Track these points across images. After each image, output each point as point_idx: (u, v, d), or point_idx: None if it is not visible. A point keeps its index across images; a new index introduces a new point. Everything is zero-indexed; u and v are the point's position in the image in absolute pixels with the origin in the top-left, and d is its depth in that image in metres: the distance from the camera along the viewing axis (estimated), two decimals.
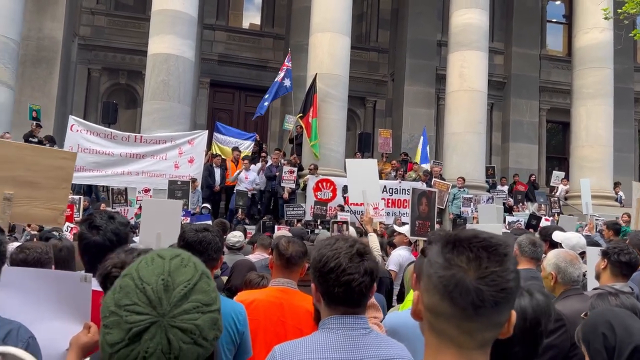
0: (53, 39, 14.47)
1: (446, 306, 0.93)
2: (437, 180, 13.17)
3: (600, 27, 14.54)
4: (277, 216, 11.60)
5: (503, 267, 0.93)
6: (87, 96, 16.84)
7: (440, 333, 0.96)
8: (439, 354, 0.97)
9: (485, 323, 0.93)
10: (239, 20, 19.27)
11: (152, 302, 0.86)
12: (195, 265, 0.94)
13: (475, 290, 0.91)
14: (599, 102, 14.69)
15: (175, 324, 0.86)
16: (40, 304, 1.56)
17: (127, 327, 0.85)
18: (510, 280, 0.93)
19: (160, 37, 11.90)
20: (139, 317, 0.85)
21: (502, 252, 0.94)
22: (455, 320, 0.93)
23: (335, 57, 12.84)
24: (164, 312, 0.86)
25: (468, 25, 13.96)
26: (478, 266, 0.92)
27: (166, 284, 0.88)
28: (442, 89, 16.77)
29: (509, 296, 0.93)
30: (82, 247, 1.89)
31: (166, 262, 0.91)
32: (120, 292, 0.89)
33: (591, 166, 14.46)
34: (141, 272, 0.90)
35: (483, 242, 0.95)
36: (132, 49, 16.55)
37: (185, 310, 0.87)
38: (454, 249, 0.95)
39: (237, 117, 18.33)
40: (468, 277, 0.91)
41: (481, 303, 0.91)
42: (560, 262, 2.89)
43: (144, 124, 11.94)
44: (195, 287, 0.90)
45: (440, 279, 0.94)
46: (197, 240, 2.26)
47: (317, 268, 1.57)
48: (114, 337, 0.86)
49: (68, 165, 3.35)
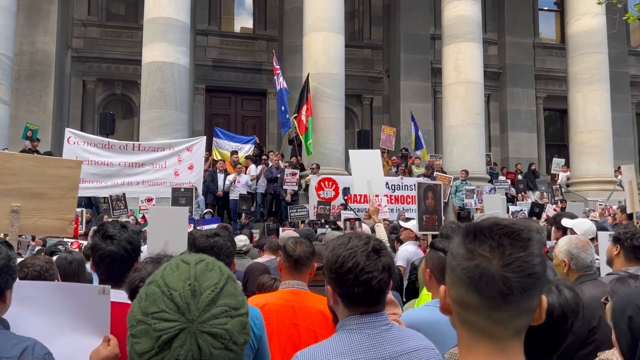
0: (46, 52, 14.45)
1: (474, 297, 0.91)
2: (438, 173, 13.17)
3: (593, 13, 14.53)
4: (280, 218, 11.59)
5: (528, 252, 0.91)
6: (83, 108, 16.82)
7: (471, 325, 0.94)
8: (473, 347, 0.95)
9: (516, 311, 0.91)
10: (231, 24, 19.26)
11: (181, 309, 0.85)
12: (221, 269, 0.93)
13: (502, 278, 0.89)
14: (595, 88, 14.70)
15: (205, 329, 0.84)
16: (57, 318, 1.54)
17: (156, 335, 0.84)
18: (537, 264, 0.91)
19: (154, 45, 11.88)
20: (167, 324, 0.84)
21: (525, 237, 0.92)
22: (485, 311, 0.91)
23: (330, 56, 12.82)
24: (193, 317, 0.84)
25: (461, 17, 13.95)
26: (502, 253, 0.90)
27: (193, 289, 0.87)
28: (438, 82, 16.78)
29: (537, 281, 0.91)
30: (96, 257, 1.88)
31: (191, 267, 0.90)
32: (146, 300, 0.88)
33: (591, 152, 14.46)
34: (167, 278, 0.89)
35: (504, 228, 0.93)
36: (126, 58, 16.54)
37: (214, 315, 0.86)
38: (475, 239, 0.93)
39: (235, 121, 18.32)
40: (493, 266, 0.90)
41: (509, 291, 0.89)
42: (573, 249, 2.87)
43: (142, 133, 11.92)
44: (223, 291, 0.89)
45: (464, 270, 0.92)
46: (208, 246, 2.24)
47: (333, 269, 1.52)
48: (143, 346, 0.84)
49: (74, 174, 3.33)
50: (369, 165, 4.96)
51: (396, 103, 17.91)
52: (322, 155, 12.50)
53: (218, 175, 11.89)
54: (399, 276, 5.32)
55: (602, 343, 2.53)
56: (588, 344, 2.63)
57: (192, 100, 15.99)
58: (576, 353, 2.60)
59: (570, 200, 12.72)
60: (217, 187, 11.72)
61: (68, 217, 3.09)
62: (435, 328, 1.70)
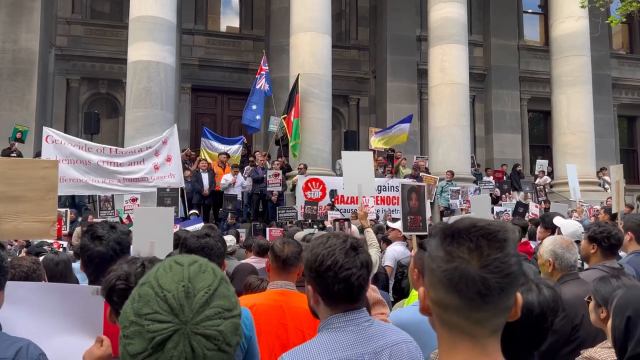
0: (29, 50, 14.25)
1: (453, 299, 0.93)
2: (423, 174, 13.25)
3: (576, 16, 14.75)
4: (266, 218, 11.58)
5: (505, 253, 0.93)
6: (67, 107, 16.60)
7: (451, 326, 0.96)
8: (453, 347, 0.96)
9: (494, 310, 0.93)
10: (217, 23, 19.17)
11: (174, 310, 0.85)
12: (214, 271, 0.93)
13: (481, 279, 0.91)
14: (578, 90, 14.91)
15: (198, 330, 0.84)
16: (50, 319, 1.53)
17: (149, 336, 0.83)
18: (513, 264, 0.93)
19: (140, 44, 11.78)
20: (161, 325, 0.84)
21: (502, 238, 0.94)
22: (464, 312, 0.93)
23: (317, 56, 12.83)
24: (187, 319, 0.85)
25: (447, 19, 14.06)
26: (480, 255, 0.92)
27: (187, 291, 0.87)
28: (424, 83, 16.88)
29: (514, 280, 0.93)
30: (85, 258, 1.87)
31: (185, 268, 0.90)
32: (139, 301, 0.87)
33: (574, 152, 14.67)
34: (160, 279, 0.88)
35: (482, 230, 0.94)
36: (111, 57, 16.36)
37: (207, 317, 0.86)
38: (453, 241, 0.94)
39: (221, 121, 18.24)
40: (472, 268, 0.91)
41: (488, 291, 0.91)
42: (557, 249, 2.92)
43: (127, 132, 11.82)
44: (216, 293, 0.89)
45: (443, 272, 0.94)
46: (199, 247, 2.24)
47: (312, 268, 1.54)
48: (136, 347, 0.84)
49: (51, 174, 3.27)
50: (361, 168, 4.97)
51: (382, 104, 17.98)
52: (309, 155, 12.50)
53: (202, 175, 11.82)
54: (385, 276, 5.35)
55: (585, 340, 2.59)
56: (571, 342, 2.68)
57: (178, 100, 15.89)
58: (560, 351, 2.64)
59: (554, 200, 12.89)
60: (202, 186, 11.66)
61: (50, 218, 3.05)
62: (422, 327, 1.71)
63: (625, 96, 20.55)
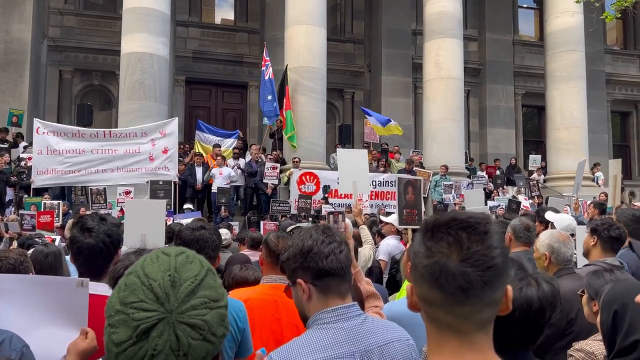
0: (21, 40, 14.10)
1: (436, 294, 0.92)
2: (417, 169, 13.26)
3: (571, 11, 14.76)
4: (260, 212, 11.55)
5: (485, 245, 0.91)
6: (60, 98, 16.47)
7: (437, 322, 0.95)
8: (441, 343, 0.95)
9: (479, 304, 0.91)
10: (212, 15, 19.04)
11: (160, 299, 0.85)
12: (201, 262, 0.93)
13: (461, 273, 0.89)
14: (572, 85, 14.94)
15: (183, 320, 0.84)
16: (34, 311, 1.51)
17: (134, 324, 0.83)
18: (496, 257, 0.91)
19: (133, 36, 11.68)
20: (146, 314, 0.83)
21: (482, 230, 0.92)
22: (448, 307, 0.91)
23: (312, 49, 12.78)
24: (172, 308, 0.84)
25: (442, 13, 14.03)
26: (459, 249, 0.90)
27: (173, 280, 0.86)
28: (419, 77, 16.86)
29: (498, 273, 0.91)
30: (74, 250, 1.84)
31: (172, 258, 0.90)
32: (125, 290, 0.87)
33: (567, 148, 14.72)
34: (147, 269, 0.88)
35: (461, 223, 0.92)
36: (105, 48, 16.23)
37: (193, 306, 0.86)
38: (433, 236, 0.93)
39: (215, 113, 18.16)
40: (451, 262, 0.90)
41: (469, 285, 0.89)
42: (554, 243, 2.92)
43: (120, 124, 11.73)
44: (202, 283, 0.89)
45: (425, 268, 0.92)
46: (194, 239, 2.22)
47: (297, 257, 1.56)
48: (121, 336, 0.84)
49: None
50: (356, 166, 4.98)
51: (377, 97, 17.96)
52: (304, 149, 12.48)
53: (196, 169, 11.77)
54: (379, 269, 5.35)
55: (580, 334, 2.59)
56: (566, 335, 2.69)
57: (171, 92, 15.78)
58: (554, 344, 2.65)
59: (546, 196, 12.94)
60: (196, 180, 11.61)
61: None
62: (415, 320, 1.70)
63: (618, 92, 20.63)
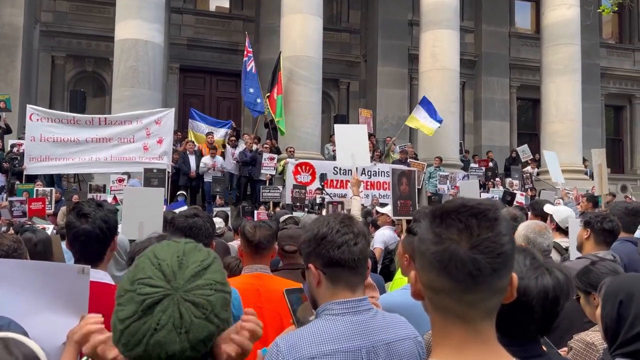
0: (13, 25, 13.92)
1: (444, 281, 0.91)
2: (412, 160, 13.27)
3: (568, 4, 14.76)
4: (254, 201, 11.54)
5: (495, 232, 0.90)
6: (52, 85, 16.29)
7: (443, 309, 0.94)
8: (446, 331, 0.94)
9: (487, 292, 0.91)
10: (207, 3, 18.84)
11: (167, 276, 0.87)
12: (209, 251, 0.96)
13: (471, 260, 0.88)
14: (568, 78, 14.98)
15: (188, 297, 0.87)
16: (33, 297, 1.50)
17: (140, 299, 0.86)
18: (505, 244, 0.90)
19: (127, 22, 11.56)
20: (152, 289, 0.86)
21: (492, 217, 0.91)
22: (456, 294, 0.91)
23: (307, 38, 12.70)
24: (178, 286, 0.87)
25: (439, 3, 13.98)
26: (470, 235, 0.89)
27: (181, 262, 0.90)
28: (415, 69, 16.83)
29: (506, 260, 0.91)
30: (70, 236, 1.83)
31: (181, 245, 0.94)
32: (135, 269, 0.91)
33: (561, 141, 14.79)
34: (157, 252, 0.92)
35: (471, 209, 0.91)
36: (98, 34, 16.04)
37: (198, 286, 0.88)
38: (442, 222, 0.92)
39: (209, 102, 18.04)
40: (461, 249, 0.89)
41: (479, 272, 0.88)
42: (530, 233, 2.95)
43: (114, 111, 11.64)
44: (209, 268, 0.92)
45: (433, 255, 0.91)
46: (187, 226, 2.21)
47: (311, 241, 1.54)
48: (127, 312, 0.86)
49: None
50: (354, 139, 4.95)
51: (373, 88, 17.91)
52: (299, 138, 12.44)
53: (189, 157, 11.71)
54: (374, 259, 5.36)
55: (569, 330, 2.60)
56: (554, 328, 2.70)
57: (165, 80, 15.65)
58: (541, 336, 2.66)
59: (541, 188, 13.00)
60: (189, 168, 11.56)
61: None
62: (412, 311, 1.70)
63: (613, 86, 20.68)
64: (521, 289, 1.31)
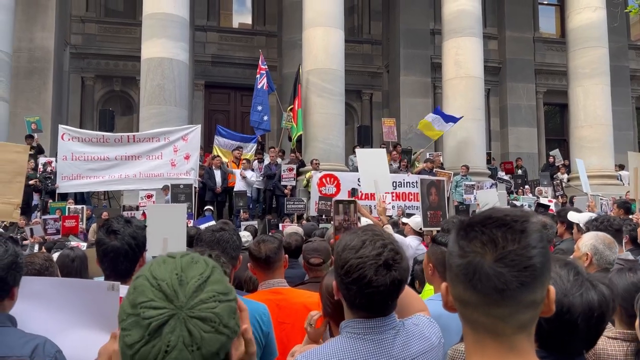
0: (44, 48, 14.38)
1: (470, 295, 0.88)
2: (438, 169, 13.13)
3: (594, 6, 14.50)
4: (280, 214, 11.57)
5: (522, 245, 0.86)
6: (82, 105, 16.77)
7: (473, 323, 0.91)
8: (478, 345, 0.91)
9: (516, 306, 0.87)
10: (230, 20, 19.18)
11: (169, 297, 0.86)
12: (206, 261, 0.94)
13: (496, 274, 0.85)
14: (596, 82, 14.66)
15: (194, 314, 0.85)
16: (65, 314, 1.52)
17: (145, 323, 0.84)
18: (533, 256, 0.86)
19: (153, 41, 11.82)
20: (156, 311, 0.85)
21: (519, 229, 0.87)
22: (484, 308, 0.88)
23: (329, 51, 12.76)
24: (181, 304, 0.85)
25: (461, 11, 13.90)
26: (494, 248, 0.86)
27: (180, 279, 0.88)
28: (438, 77, 16.73)
29: (536, 273, 0.87)
30: (100, 252, 1.86)
31: (177, 260, 0.92)
32: (134, 292, 0.89)
33: (591, 146, 14.44)
34: (154, 271, 0.90)
35: (497, 221, 0.88)
36: (125, 54, 16.47)
37: (202, 300, 0.87)
38: (466, 235, 0.90)
39: (234, 117, 18.27)
40: (485, 262, 0.86)
41: (504, 286, 0.85)
42: (598, 244, 2.84)
43: (141, 129, 11.87)
44: (209, 279, 0.90)
45: (458, 268, 0.89)
46: (214, 240, 2.22)
47: (339, 273, 1.45)
48: (133, 337, 0.85)
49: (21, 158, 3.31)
50: (376, 164, 4.94)
51: (396, 98, 17.86)
52: (322, 150, 12.45)
53: (215, 172, 11.84)
54: None
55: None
56: None
57: (191, 97, 15.94)
58: None
59: (572, 195, 12.70)
60: (215, 183, 11.68)
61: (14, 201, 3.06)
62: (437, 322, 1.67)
63: None
64: (565, 307, 1.27)
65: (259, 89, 13.15)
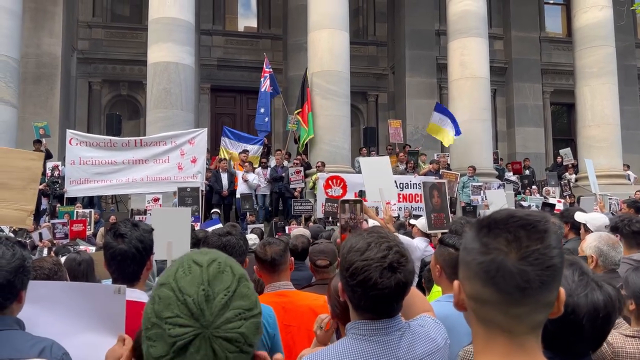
0: (52, 54, 14.50)
1: (490, 293, 0.88)
2: (445, 170, 13.09)
3: (600, 5, 14.42)
4: (286, 216, 11.58)
5: (545, 244, 0.88)
6: (89, 109, 16.88)
7: (487, 322, 0.91)
8: (489, 344, 0.92)
9: (534, 305, 0.88)
10: (235, 23, 19.26)
11: (195, 315, 0.85)
12: (232, 270, 0.92)
13: (520, 272, 0.86)
14: (603, 81, 14.58)
15: (219, 334, 0.85)
16: (72, 318, 1.54)
17: (171, 340, 0.84)
18: (555, 256, 0.88)
19: (159, 46, 11.88)
20: (182, 329, 0.84)
21: (542, 229, 0.89)
22: (503, 307, 0.88)
23: (334, 53, 12.78)
24: (207, 323, 0.85)
25: (466, 12, 13.87)
26: (519, 247, 0.87)
27: (207, 294, 0.87)
28: (443, 78, 16.70)
29: (555, 273, 0.89)
30: (107, 256, 1.87)
31: (204, 269, 0.89)
32: (160, 303, 0.87)
33: (599, 146, 14.35)
34: (180, 282, 0.88)
35: (520, 220, 0.90)
36: (131, 59, 16.57)
37: (228, 319, 0.86)
38: (490, 232, 0.90)
39: (240, 120, 18.32)
40: (509, 260, 0.87)
41: (527, 284, 0.86)
42: (603, 246, 2.82)
43: (148, 133, 11.92)
44: (235, 294, 0.89)
45: (479, 265, 0.89)
46: (220, 245, 2.23)
47: (344, 275, 1.45)
48: (158, 351, 0.85)
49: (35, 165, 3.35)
50: (380, 173, 4.93)
51: (401, 99, 17.85)
52: (328, 152, 12.47)
53: (222, 175, 11.88)
54: None
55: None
56: None
57: (197, 100, 16.00)
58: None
59: (579, 195, 12.62)
60: (222, 187, 11.71)
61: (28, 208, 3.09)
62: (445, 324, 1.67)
63: None
64: (570, 307, 1.27)
65: (262, 92, 13.27)
